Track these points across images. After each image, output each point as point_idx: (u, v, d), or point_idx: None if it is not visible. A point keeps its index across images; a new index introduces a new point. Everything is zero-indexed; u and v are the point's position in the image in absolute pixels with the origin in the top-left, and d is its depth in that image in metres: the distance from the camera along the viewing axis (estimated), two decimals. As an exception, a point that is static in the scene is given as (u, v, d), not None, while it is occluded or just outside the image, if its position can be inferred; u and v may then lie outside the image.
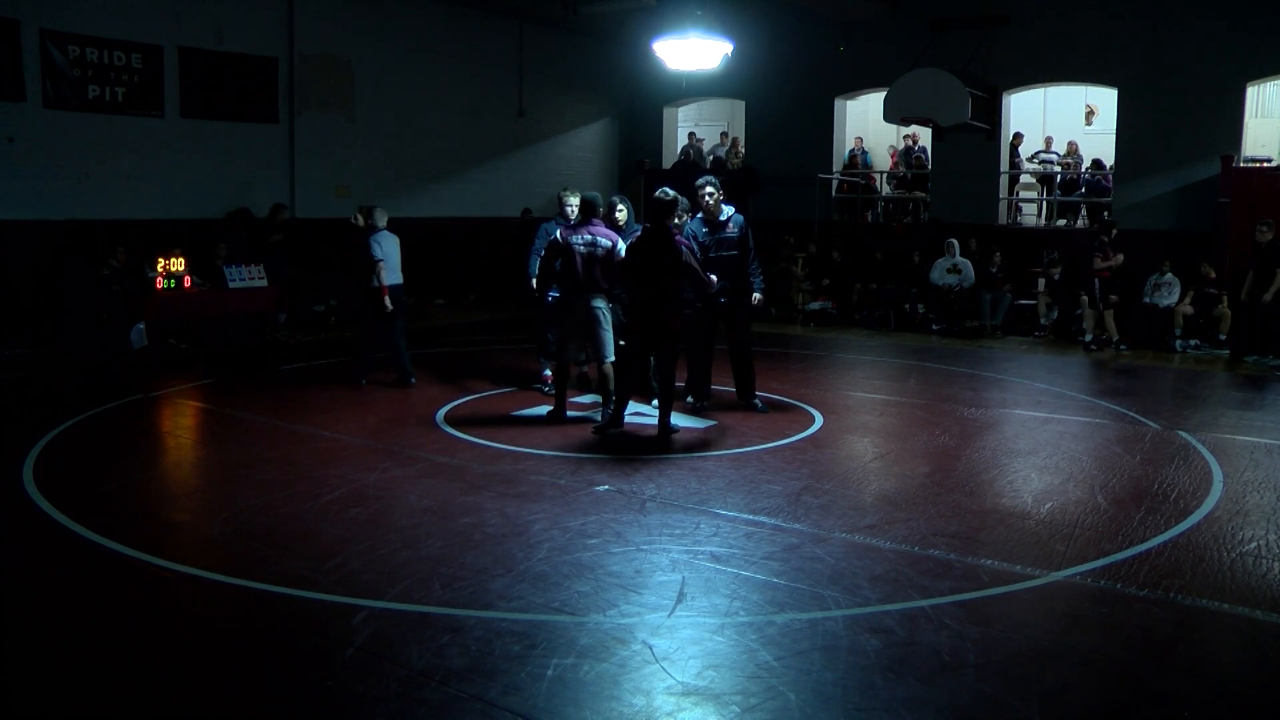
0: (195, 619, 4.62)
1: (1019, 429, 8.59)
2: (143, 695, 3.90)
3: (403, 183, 16.14)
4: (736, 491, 6.43)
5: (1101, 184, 16.24)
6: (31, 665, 4.14)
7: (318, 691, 3.87)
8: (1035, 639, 4.37)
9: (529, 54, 18.10)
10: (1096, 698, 3.88)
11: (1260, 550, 5.47)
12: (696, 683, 3.90)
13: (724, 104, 20.81)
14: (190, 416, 9.07)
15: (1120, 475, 7.00)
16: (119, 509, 6.10)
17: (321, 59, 15.20)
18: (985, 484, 6.89)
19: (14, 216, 11.94)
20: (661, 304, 7.81)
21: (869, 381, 10.72)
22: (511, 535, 5.55)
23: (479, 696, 3.78)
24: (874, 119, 17.58)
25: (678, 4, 13.54)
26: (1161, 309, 13.31)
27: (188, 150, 13.62)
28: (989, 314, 14.53)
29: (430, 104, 16.63)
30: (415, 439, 7.78)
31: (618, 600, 4.67)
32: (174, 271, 12.24)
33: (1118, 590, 4.89)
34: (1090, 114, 18.38)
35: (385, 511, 5.98)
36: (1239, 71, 14.31)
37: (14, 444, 7.44)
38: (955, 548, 5.44)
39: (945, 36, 15.87)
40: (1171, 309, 13.19)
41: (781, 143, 18.13)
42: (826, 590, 4.81)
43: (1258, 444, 7.93)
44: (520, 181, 18.29)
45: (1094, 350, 13.04)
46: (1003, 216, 16.75)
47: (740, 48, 15.05)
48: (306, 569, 5.03)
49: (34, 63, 12.07)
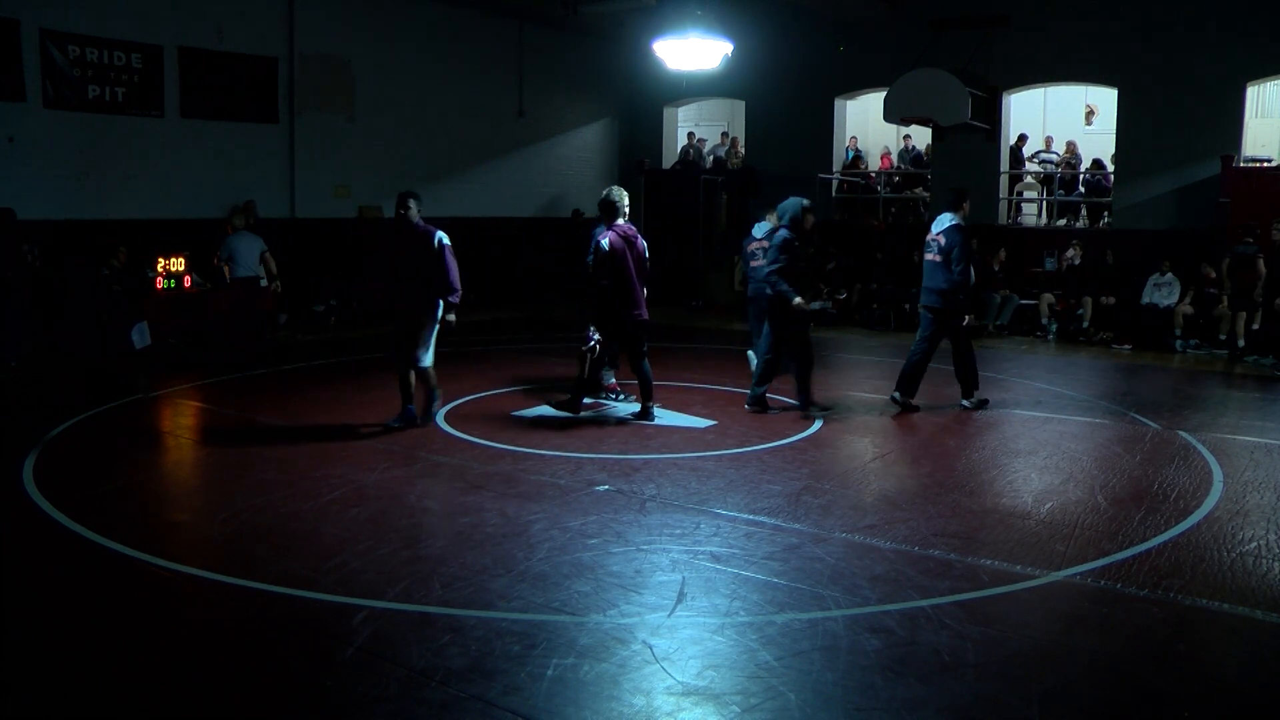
0: (195, 619, 4.62)
1: (1019, 429, 8.58)
2: (143, 695, 3.89)
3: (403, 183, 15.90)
4: (736, 491, 6.43)
5: (1101, 184, 16.24)
6: (31, 665, 4.14)
7: (318, 691, 3.87)
8: (1035, 639, 4.36)
9: (529, 54, 18.10)
10: (1096, 698, 3.88)
11: (1260, 550, 5.47)
12: (696, 683, 3.90)
13: (724, 104, 20.81)
14: (190, 416, 9.07)
15: (1120, 475, 7.00)
16: (119, 509, 6.10)
17: (321, 59, 15.20)
18: (985, 484, 6.89)
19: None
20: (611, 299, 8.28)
21: (869, 381, 10.72)
22: (511, 535, 5.55)
23: (479, 696, 3.77)
24: (874, 119, 17.58)
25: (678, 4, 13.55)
26: (1161, 309, 13.31)
27: (188, 150, 13.63)
28: (995, 314, 14.54)
29: (430, 104, 16.63)
30: (415, 439, 7.78)
31: (618, 600, 4.67)
32: (174, 271, 12.25)
33: (1118, 590, 4.89)
34: (1090, 114, 18.37)
35: (385, 511, 5.98)
36: (1239, 71, 14.31)
37: (14, 444, 7.44)
38: (955, 548, 5.44)
39: (945, 36, 15.86)
40: (1171, 309, 13.19)
41: (781, 143, 18.13)
42: (826, 590, 4.81)
43: (1258, 444, 7.93)
44: (520, 181, 18.31)
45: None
46: (1003, 216, 16.76)
47: (740, 48, 15.06)
48: (306, 569, 5.03)
49: (34, 63, 12.08)
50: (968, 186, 9.45)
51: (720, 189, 18.28)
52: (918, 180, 18.30)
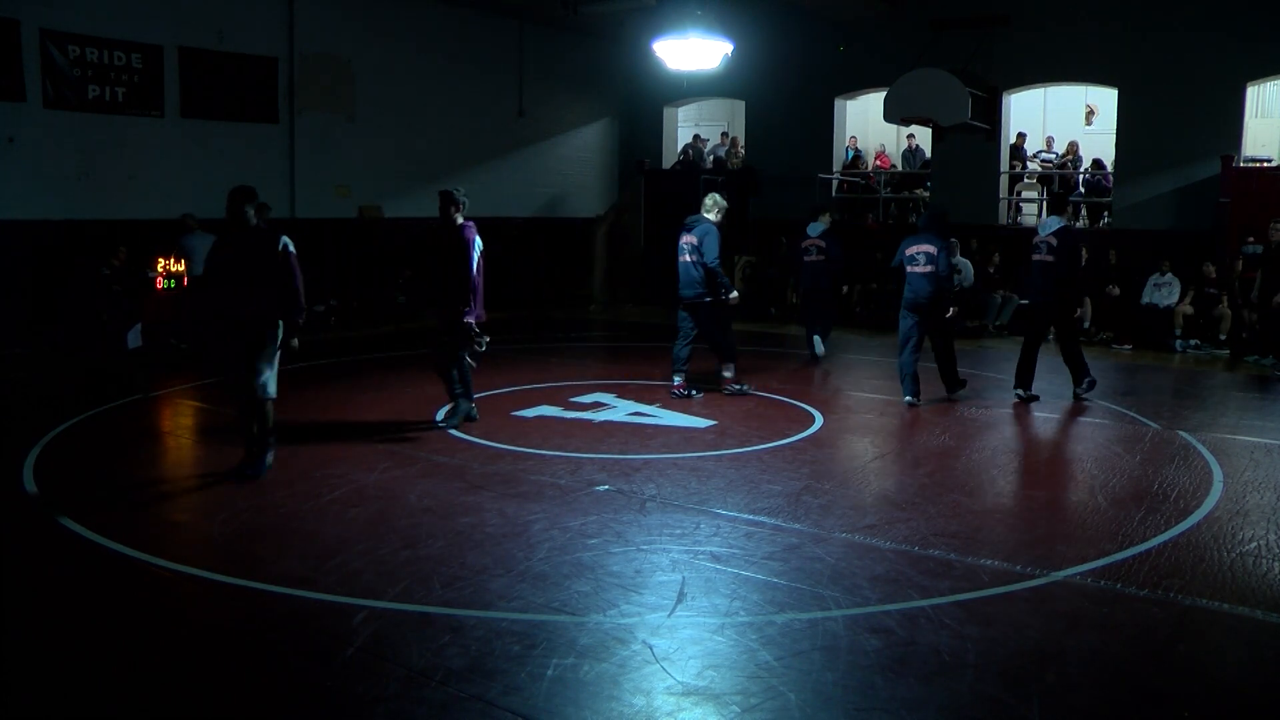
0: (195, 619, 4.62)
1: (1019, 429, 8.58)
2: (143, 695, 3.89)
3: (403, 183, 16.14)
4: (736, 491, 6.43)
5: (1101, 184, 16.24)
6: (32, 665, 4.14)
7: (318, 691, 3.87)
8: (1035, 639, 4.36)
9: (529, 54, 18.10)
10: (1096, 698, 3.88)
11: (1260, 550, 5.47)
12: (696, 683, 3.90)
13: (724, 104, 20.81)
14: (190, 416, 9.07)
15: (1120, 475, 7.00)
16: (119, 509, 6.10)
17: (321, 59, 15.20)
18: (985, 484, 6.89)
19: (14, 216, 11.94)
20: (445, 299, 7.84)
21: (869, 381, 10.72)
22: (511, 535, 5.55)
23: (479, 696, 3.77)
24: (874, 119, 17.58)
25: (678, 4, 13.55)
26: (1161, 309, 13.30)
27: (188, 150, 13.62)
28: (995, 314, 14.54)
29: (430, 104, 16.63)
30: (415, 439, 7.78)
31: (618, 600, 4.67)
32: (174, 271, 12.24)
33: (1118, 590, 4.89)
34: (1090, 114, 18.37)
35: (385, 511, 5.98)
36: (1239, 71, 14.30)
37: (14, 444, 7.44)
38: (955, 548, 5.44)
39: (945, 36, 15.86)
40: (1171, 309, 13.19)
41: (781, 143, 18.12)
42: (826, 590, 4.81)
43: (1258, 444, 7.93)
44: (520, 181, 18.31)
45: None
46: (1003, 216, 16.75)
47: (740, 48, 15.06)
48: (306, 569, 5.03)
49: (34, 63, 12.07)
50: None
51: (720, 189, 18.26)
52: (918, 180, 18.29)
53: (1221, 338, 12.81)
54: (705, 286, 9.23)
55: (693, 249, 9.23)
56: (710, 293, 9.25)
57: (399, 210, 16.00)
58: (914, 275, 9.24)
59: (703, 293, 9.24)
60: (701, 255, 9.15)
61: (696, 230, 9.27)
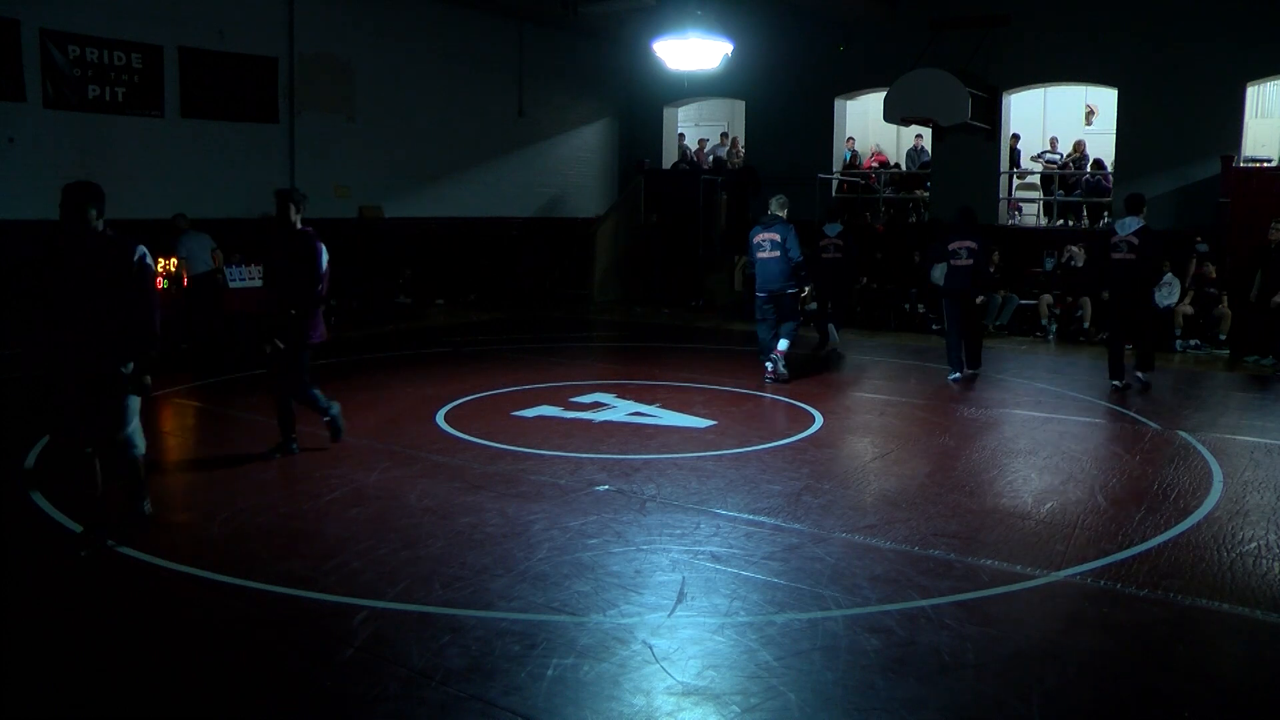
0: (195, 619, 4.62)
1: (1019, 429, 8.58)
2: (143, 695, 3.90)
3: (403, 183, 16.15)
4: (736, 491, 6.43)
5: (1101, 184, 16.24)
6: (32, 665, 4.14)
7: (318, 691, 3.87)
8: (1035, 639, 4.36)
9: (529, 54, 18.11)
10: (1096, 698, 3.88)
11: (1260, 550, 5.47)
12: (696, 683, 3.90)
13: (724, 104, 20.82)
14: (190, 416, 9.07)
15: (1120, 475, 7.00)
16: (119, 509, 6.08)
17: (321, 59, 15.20)
18: (985, 484, 6.89)
19: (14, 216, 11.94)
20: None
21: (869, 381, 10.72)
22: (511, 535, 5.55)
23: (479, 696, 3.77)
24: (874, 119, 17.58)
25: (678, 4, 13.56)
26: (1161, 309, 13.29)
27: (188, 150, 13.63)
28: (995, 314, 14.53)
29: (430, 104, 16.64)
30: (415, 439, 7.78)
31: (618, 600, 4.67)
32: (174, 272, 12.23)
33: (1118, 590, 4.89)
34: (1090, 114, 18.37)
35: (385, 511, 5.98)
36: (1239, 71, 14.31)
37: (14, 444, 7.44)
38: (955, 548, 5.44)
39: (945, 36, 15.87)
40: (1171, 309, 13.18)
41: (781, 143, 18.13)
42: (826, 590, 4.81)
43: (1258, 444, 7.93)
44: (520, 181, 18.32)
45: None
46: (1003, 216, 16.75)
47: (740, 48, 15.07)
48: (306, 569, 5.03)
49: (34, 63, 12.08)
50: (1143, 194, 10.69)
51: (720, 189, 18.29)
52: (918, 180, 18.29)
53: (1221, 338, 12.81)
54: (790, 279, 10.16)
55: (774, 245, 10.12)
56: (795, 284, 10.24)
57: (399, 210, 16.02)
58: (956, 268, 10.33)
59: (789, 284, 10.19)
60: (786, 250, 10.05)
61: (777, 228, 10.15)
